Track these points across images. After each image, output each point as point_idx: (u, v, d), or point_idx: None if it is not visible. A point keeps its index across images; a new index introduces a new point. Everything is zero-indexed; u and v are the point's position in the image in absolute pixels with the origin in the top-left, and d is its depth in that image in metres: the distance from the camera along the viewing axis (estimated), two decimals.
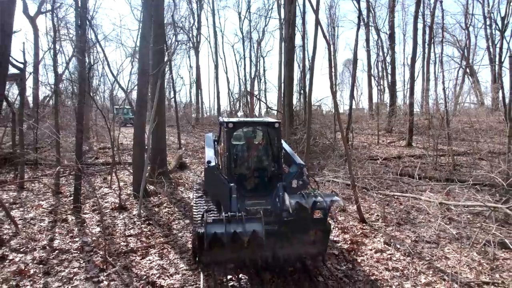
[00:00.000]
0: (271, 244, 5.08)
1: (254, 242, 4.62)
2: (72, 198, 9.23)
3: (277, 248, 5.18)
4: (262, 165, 6.73)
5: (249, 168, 6.63)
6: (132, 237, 7.02)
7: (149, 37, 9.83)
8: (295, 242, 5.26)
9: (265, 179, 6.49)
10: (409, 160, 14.92)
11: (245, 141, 6.94)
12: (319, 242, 5.39)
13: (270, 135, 6.62)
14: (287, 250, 5.26)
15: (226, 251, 4.80)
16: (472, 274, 5.68)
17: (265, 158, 6.79)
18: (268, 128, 6.63)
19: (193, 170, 13.69)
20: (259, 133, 7.06)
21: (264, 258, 5.20)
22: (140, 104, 9.62)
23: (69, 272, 5.58)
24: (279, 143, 6.43)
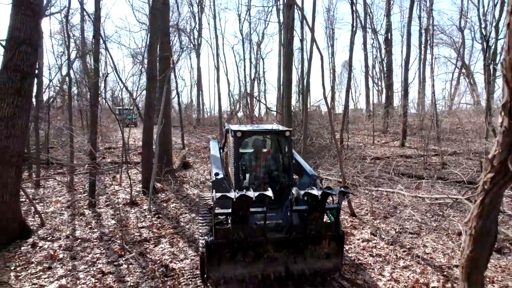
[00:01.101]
0: (283, 257, 4.91)
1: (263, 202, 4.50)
2: (85, 194, 10.08)
3: (289, 262, 4.94)
4: (272, 175, 6.38)
5: (258, 179, 6.32)
6: (145, 228, 7.83)
7: (156, 46, 10.63)
8: (308, 255, 4.99)
9: (276, 189, 6.02)
10: (401, 160, 15.74)
11: (254, 150, 6.59)
12: (333, 254, 5.07)
13: (281, 143, 6.34)
14: (301, 264, 4.98)
15: (238, 265, 4.71)
16: (444, 259, 6.48)
17: (275, 168, 6.44)
18: (278, 137, 6.30)
19: (196, 169, 14.49)
20: (269, 142, 6.77)
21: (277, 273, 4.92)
22: (148, 108, 10.42)
23: (92, 257, 6.38)
24: (289, 152, 6.23)
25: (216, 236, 4.64)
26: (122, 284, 5.48)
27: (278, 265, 4.90)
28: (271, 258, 4.86)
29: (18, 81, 6.69)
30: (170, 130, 12.57)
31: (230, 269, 4.74)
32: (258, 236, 4.78)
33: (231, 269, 4.74)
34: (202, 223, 5.96)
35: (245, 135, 6.05)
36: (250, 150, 6.71)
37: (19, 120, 6.76)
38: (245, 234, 4.70)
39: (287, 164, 6.23)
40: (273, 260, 4.88)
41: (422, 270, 6.12)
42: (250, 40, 36.99)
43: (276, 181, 6.25)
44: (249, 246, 4.78)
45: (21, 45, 6.73)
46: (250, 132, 6.26)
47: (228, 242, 4.70)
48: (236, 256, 4.74)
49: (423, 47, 31.36)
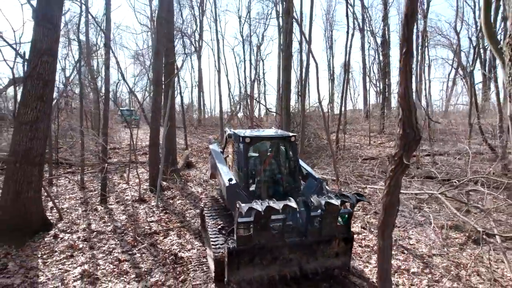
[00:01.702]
0: (297, 258, 5.26)
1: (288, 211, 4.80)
2: (96, 192, 10.79)
3: (303, 262, 5.29)
4: (275, 178, 6.63)
5: (266, 182, 6.55)
6: (154, 222, 8.53)
7: (162, 53, 11.32)
8: (319, 254, 5.38)
9: (282, 193, 6.37)
10: None
11: (259, 155, 6.79)
12: (342, 253, 5.51)
13: (286, 148, 6.68)
14: (313, 263, 5.35)
15: (256, 267, 5.02)
16: (426, 249, 7.19)
17: (282, 172, 6.71)
18: (284, 142, 6.64)
19: (199, 168, 15.18)
20: (276, 147, 6.94)
21: (292, 273, 5.25)
22: (155, 111, 11.12)
23: (108, 247, 7.09)
24: (295, 156, 6.58)
25: (238, 243, 4.91)
26: (137, 270, 6.20)
27: (293, 265, 5.25)
28: (286, 260, 5.20)
29: (40, 88, 7.40)
30: (174, 132, 13.27)
31: (249, 271, 5.02)
32: (278, 241, 5.12)
33: (249, 271, 5.03)
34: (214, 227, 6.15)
35: (254, 141, 6.26)
36: (255, 154, 6.85)
37: (42, 124, 7.47)
38: (266, 240, 5.04)
39: (293, 168, 6.55)
40: (288, 261, 5.21)
41: (405, 258, 6.84)
42: (250, 41, 37.69)
43: (280, 184, 6.51)
44: (268, 250, 5.09)
45: (43, 55, 7.44)
46: (259, 138, 6.45)
47: (250, 248, 4.98)
48: (254, 259, 5.02)
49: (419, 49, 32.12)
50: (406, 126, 2.50)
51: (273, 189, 6.44)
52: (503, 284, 5.79)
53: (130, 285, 5.72)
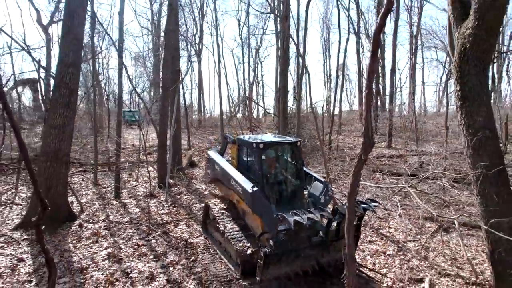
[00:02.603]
0: (315, 254, 6.00)
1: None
2: (109, 188, 11.87)
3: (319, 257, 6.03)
4: (288, 179, 7.21)
5: (278, 183, 7.08)
6: (164, 214, 9.62)
7: (170, 62, 12.41)
8: (332, 249, 6.18)
9: (290, 192, 7.04)
10: (385, 159, 17.58)
11: (268, 159, 7.17)
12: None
13: (294, 152, 7.21)
14: (327, 257, 6.12)
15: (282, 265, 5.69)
16: (402, 236, 8.30)
17: (290, 173, 7.27)
18: (292, 146, 7.18)
19: (202, 167, 16.24)
20: (285, 151, 7.42)
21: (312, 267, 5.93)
22: (163, 115, 12.22)
23: (127, 235, 8.18)
24: (301, 159, 7.19)
25: (275, 248, 5.48)
26: (154, 252, 7.29)
27: (311, 260, 5.98)
28: (306, 256, 5.94)
29: (67, 96, 8.49)
30: (180, 134, 14.35)
31: (277, 269, 5.66)
32: (306, 243, 5.94)
33: (277, 269, 5.67)
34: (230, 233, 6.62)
35: (267, 146, 6.75)
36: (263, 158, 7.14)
37: (68, 128, 8.55)
38: (298, 244, 5.89)
39: (299, 170, 7.12)
40: (308, 257, 5.96)
41: (383, 243, 7.95)
42: (249, 44, 38.68)
43: (288, 186, 7.09)
44: (293, 250, 5.82)
45: (69, 67, 8.52)
46: (270, 144, 6.88)
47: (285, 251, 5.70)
48: (281, 259, 5.71)
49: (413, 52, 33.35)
50: (365, 136, 3.57)
51: (283, 190, 7.02)
52: (461, 262, 6.91)
53: (149, 264, 6.81)
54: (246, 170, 7.17)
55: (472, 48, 4.97)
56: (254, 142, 6.67)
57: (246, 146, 7.18)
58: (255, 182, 6.60)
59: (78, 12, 8.65)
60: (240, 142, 7.40)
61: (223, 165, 7.49)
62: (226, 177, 7.20)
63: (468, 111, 5.21)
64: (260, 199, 6.07)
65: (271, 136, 7.91)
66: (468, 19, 5.00)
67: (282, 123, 19.04)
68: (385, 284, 6.20)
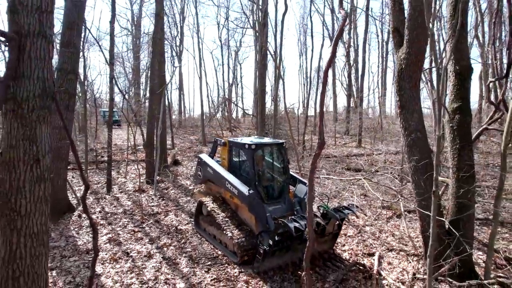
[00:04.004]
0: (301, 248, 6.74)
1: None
2: (100, 184, 12.80)
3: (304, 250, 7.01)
4: (276, 177, 8.02)
5: (268, 180, 7.90)
6: (154, 206, 10.70)
7: (156, 67, 13.45)
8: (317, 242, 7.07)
9: (278, 188, 7.88)
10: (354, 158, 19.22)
11: (262, 158, 7.91)
12: (330, 241, 7.58)
13: (281, 152, 8.01)
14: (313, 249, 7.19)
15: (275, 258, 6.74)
16: (361, 222, 9.76)
17: (278, 171, 8.09)
18: (279, 147, 7.99)
19: (185, 165, 17.31)
20: (274, 151, 8.16)
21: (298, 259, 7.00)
22: (151, 117, 13.25)
23: (123, 223, 9.24)
24: (286, 158, 8.02)
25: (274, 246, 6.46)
26: (149, 237, 8.41)
27: (298, 253, 6.98)
28: (294, 250, 6.95)
29: (66, 100, 9.43)
30: (165, 134, 15.38)
31: (271, 262, 6.75)
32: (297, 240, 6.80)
33: (272, 262, 6.76)
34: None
35: (258, 147, 7.47)
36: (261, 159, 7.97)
37: (68, 127, 9.49)
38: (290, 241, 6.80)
39: (286, 167, 7.95)
40: (295, 250, 6.97)
41: (345, 228, 9.36)
42: (228, 46, 39.88)
43: (274, 182, 7.95)
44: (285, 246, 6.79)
45: (68, 74, 9.46)
46: (261, 145, 7.64)
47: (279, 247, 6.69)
48: (275, 253, 6.71)
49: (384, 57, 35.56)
50: (319, 137, 4.85)
51: (272, 187, 7.85)
52: (406, 240, 8.41)
53: (146, 246, 7.94)
54: (237, 169, 7.99)
55: (406, 68, 6.42)
56: (247, 143, 7.38)
57: (238, 147, 7.93)
58: (247, 180, 7.47)
59: (77, 23, 9.61)
60: (232, 143, 8.14)
61: (217, 168, 8.20)
62: (220, 179, 7.95)
63: (405, 117, 6.66)
64: (255, 200, 6.93)
65: (258, 138, 8.80)
66: (403, 46, 6.45)
67: (260, 123, 20.40)
68: (344, 256, 7.60)
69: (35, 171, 3.23)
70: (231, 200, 7.83)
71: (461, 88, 6.64)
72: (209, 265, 7.12)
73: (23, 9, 3.31)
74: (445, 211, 6.99)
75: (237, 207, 7.76)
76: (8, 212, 3.07)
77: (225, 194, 8.09)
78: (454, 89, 6.71)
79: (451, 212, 6.65)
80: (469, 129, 6.68)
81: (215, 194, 8.54)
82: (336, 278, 6.64)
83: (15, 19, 3.30)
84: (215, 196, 8.47)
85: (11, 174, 3.12)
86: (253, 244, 6.98)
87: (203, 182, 9.16)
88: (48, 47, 3.52)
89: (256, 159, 7.60)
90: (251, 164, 7.45)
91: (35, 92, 3.29)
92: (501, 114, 7.03)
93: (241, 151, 7.90)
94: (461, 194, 6.36)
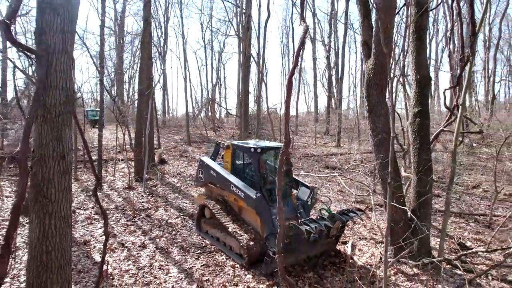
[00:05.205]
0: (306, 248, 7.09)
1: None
2: (89, 182, 13.29)
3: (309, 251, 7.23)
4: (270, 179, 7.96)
5: (272, 183, 7.85)
6: (144, 202, 11.32)
7: (145, 70, 14.01)
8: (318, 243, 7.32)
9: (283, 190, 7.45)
10: (333, 156, 20.27)
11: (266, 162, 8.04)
12: (332, 244, 7.83)
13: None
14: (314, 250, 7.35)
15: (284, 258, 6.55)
16: None
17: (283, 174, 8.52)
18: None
19: (171, 164, 17.90)
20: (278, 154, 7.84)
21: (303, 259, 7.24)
22: (139, 118, 13.82)
23: (116, 218, 9.83)
24: (289, 161, 8.21)
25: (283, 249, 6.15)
26: (141, 229, 9.06)
27: (303, 253, 7.17)
28: (299, 250, 7.05)
29: None
30: (153, 134, 15.94)
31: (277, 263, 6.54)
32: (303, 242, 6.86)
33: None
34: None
35: (263, 150, 7.59)
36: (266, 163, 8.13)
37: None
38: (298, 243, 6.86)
39: (289, 171, 8.02)
40: (300, 252, 7.09)
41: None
42: (212, 46, 40.41)
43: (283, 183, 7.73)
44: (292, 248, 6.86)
45: None
46: (266, 148, 7.69)
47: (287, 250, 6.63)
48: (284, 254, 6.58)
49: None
50: (285, 136, 5.64)
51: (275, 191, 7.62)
52: (376, 230, 9.38)
53: (139, 237, 8.59)
54: (241, 172, 8.12)
55: (373, 77, 7.35)
56: (252, 147, 7.50)
57: (243, 151, 8.06)
58: (251, 183, 7.59)
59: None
60: (235, 147, 8.23)
61: (221, 171, 8.24)
62: (224, 182, 7.99)
63: (373, 119, 7.58)
64: (262, 204, 7.09)
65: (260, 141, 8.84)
66: (371, 57, 7.38)
67: (244, 124, 21.19)
68: None
69: (62, 165, 3.90)
70: (235, 203, 7.88)
71: (421, 95, 7.62)
72: (199, 253, 7.86)
73: (49, 30, 3.98)
74: (408, 202, 7.97)
75: (240, 209, 7.89)
76: (41, 199, 3.74)
77: (228, 197, 8.10)
78: (415, 96, 7.68)
79: (412, 202, 7.62)
80: (428, 130, 7.66)
81: (217, 196, 8.56)
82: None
83: (43, 39, 3.96)
84: (217, 198, 8.48)
85: (42, 168, 3.79)
86: (260, 247, 7.09)
87: (204, 185, 9.09)
88: (70, 62, 4.22)
89: (262, 162, 7.72)
90: (256, 168, 7.55)
91: (61, 100, 3.96)
92: (455, 118, 8.05)
93: (245, 154, 8.06)
94: (420, 185, 7.35)
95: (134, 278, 6.69)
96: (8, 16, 4.00)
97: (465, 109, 8.44)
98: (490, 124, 16.38)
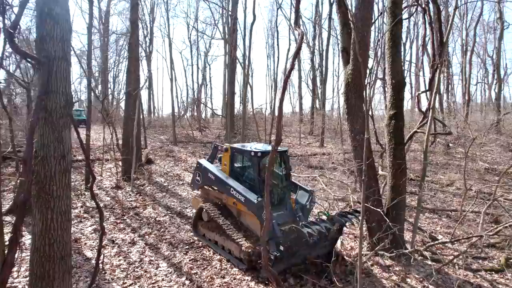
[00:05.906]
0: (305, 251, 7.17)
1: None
2: (77, 182, 13.43)
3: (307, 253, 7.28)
4: (279, 183, 8.03)
5: (271, 187, 7.45)
6: (133, 201, 11.57)
7: (133, 71, 14.23)
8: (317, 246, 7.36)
9: (282, 194, 8.02)
10: (318, 156, 20.87)
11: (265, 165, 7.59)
12: (330, 245, 7.73)
13: (284, 159, 8.12)
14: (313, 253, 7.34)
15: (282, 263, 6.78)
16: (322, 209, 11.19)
17: (280, 178, 8.09)
18: (282, 154, 8.04)
19: (158, 164, 18.11)
20: (277, 159, 7.92)
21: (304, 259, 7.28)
22: (127, 118, 14.03)
23: (105, 216, 10.06)
24: (289, 165, 8.23)
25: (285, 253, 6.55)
26: (131, 227, 9.35)
27: (302, 257, 7.23)
28: (299, 253, 7.10)
29: None
30: (140, 134, 16.15)
31: (278, 267, 6.65)
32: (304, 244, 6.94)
33: (278, 267, 6.69)
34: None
35: (264, 154, 7.44)
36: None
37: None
38: (298, 246, 6.96)
39: (288, 173, 8.15)
40: (299, 255, 7.13)
41: None
42: (197, 46, 40.50)
43: (278, 188, 7.99)
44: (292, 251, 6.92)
45: None
46: (267, 152, 7.40)
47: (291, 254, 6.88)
48: (282, 258, 6.74)
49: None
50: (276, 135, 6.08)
51: (276, 193, 7.91)
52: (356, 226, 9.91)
53: (129, 234, 8.89)
54: (240, 176, 8.09)
55: (352, 82, 7.85)
56: (252, 150, 7.49)
57: (242, 154, 8.12)
58: (250, 187, 7.57)
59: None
60: (234, 150, 8.19)
61: (219, 174, 8.25)
62: (223, 185, 8.00)
63: (351, 121, 8.10)
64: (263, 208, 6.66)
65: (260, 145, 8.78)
66: (350, 63, 7.89)
67: (230, 124, 21.57)
68: None
69: (62, 164, 4.22)
70: (234, 206, 7.91)
71: (396, 98, 8.18)
72: (187, 249, 8.22)
73: (50, 39, 4.30)
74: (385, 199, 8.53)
75: (239, 213, 7.92)
76: (44, 195, 4.05)
77: (227, 200, 8.13)
78: (391, 99, 8.23)
79: (388, 200, 8.17)
80: (402, 132, 8.23)
81: (214, 199, 8.59)
82: None
83: (44, 47, 4.27)
84: (214, 202, 8.49)
85: (45, 167, 4.10)
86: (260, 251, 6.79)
87: (201, 187, 9.12)
88: (68, 68, 4.54)
89: (261, 166, 7.64)
90: (256, 172, 7.55)
91: (61, 103, 4.28)
92: (427, 120, 8.66)
93: (244, 157, 8.11)
94: (394, 184, 7.91)
95: (125, 272, 7.01)
96: (12, 25, 4.29)
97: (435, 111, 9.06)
98: (465, 126, 17.22)
